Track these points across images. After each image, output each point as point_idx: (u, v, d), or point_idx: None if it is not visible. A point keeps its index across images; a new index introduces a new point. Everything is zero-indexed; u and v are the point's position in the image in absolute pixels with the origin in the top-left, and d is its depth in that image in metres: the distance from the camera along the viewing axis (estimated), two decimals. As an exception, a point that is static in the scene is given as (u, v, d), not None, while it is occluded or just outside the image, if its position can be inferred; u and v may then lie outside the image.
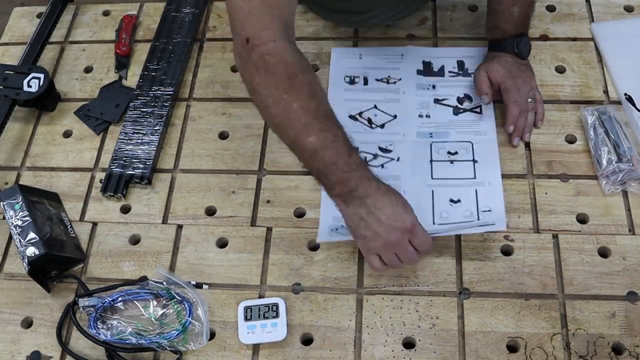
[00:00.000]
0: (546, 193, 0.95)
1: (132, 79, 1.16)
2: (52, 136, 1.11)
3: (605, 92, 1.04)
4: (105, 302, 0.89)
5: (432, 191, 0.97)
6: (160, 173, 1.04)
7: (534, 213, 0.94)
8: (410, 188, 0.97)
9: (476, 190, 0.96)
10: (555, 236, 0.92)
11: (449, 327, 0.86)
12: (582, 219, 0.93)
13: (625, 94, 1.01)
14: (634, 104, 1.00)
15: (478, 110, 1.05)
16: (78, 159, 1.08)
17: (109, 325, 0.88)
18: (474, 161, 0.99)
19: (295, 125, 0.79)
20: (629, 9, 1.13)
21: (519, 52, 1.02)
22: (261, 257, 0.94)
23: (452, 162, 1.00)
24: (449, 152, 1.01)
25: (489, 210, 0.94)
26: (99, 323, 0.88)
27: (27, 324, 0.92)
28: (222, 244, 0.96)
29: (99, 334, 0.87)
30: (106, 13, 1.27)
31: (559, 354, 0.82)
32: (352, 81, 1.11)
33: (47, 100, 1.12)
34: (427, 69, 1.11)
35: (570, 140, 1.00)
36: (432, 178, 0.98)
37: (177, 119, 1.10)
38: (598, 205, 0.93)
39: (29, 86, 1.09)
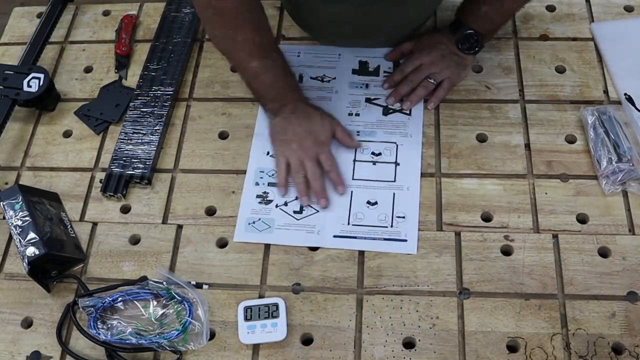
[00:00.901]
0: (546, 193, 0.95)
1: (132, 79, 1.16)
2: (52, 136, 1.11)
3: (605, 92, 1.04)
4: (105, 302, 0.89)
5: (352, 192, 0.98)
6: (160, 173, 1.04)
7: (534, 213, 0.94)
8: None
9: (394, 194, 0.96)
10: (555, 236, 0.92)
11: (449, 327, 0.86)
12: (582, 219, 0.93)
13: (625, 94, 1.01)
14: (634, 104, 1.00)
15: (407, 111, 1.05)
16: (78, 159, 1.08)
17: (109, 325, 0.88)
18: (396, 164, 0.99)
19: (239, 54, 0.96)
20: (629, 9, 1.13)
21: (457, 40, 1.02)
22: (261, 257, 0.94)
23: (375, 164, 1.00)
24: (372, 153, 1.01)
25: (403, 217, 0.94)
26: (99, 323, 0.88)
27: (27, 324, 0.92)
28: (222, 244, 0.96)
29: (99, 334, 0.87)
30: (106, 13, 1.27)
31: (559, 354, 0.82)
32: None
33: (47, 100, 1.12)
34: (362, 69, 1.11)
35: (570, 140, 1.00)
36: (352, 178, 0.99)
37: (177, 119, 1.10)
38: (598, 205, 0.93)
39: (29, 86, 1.09)
